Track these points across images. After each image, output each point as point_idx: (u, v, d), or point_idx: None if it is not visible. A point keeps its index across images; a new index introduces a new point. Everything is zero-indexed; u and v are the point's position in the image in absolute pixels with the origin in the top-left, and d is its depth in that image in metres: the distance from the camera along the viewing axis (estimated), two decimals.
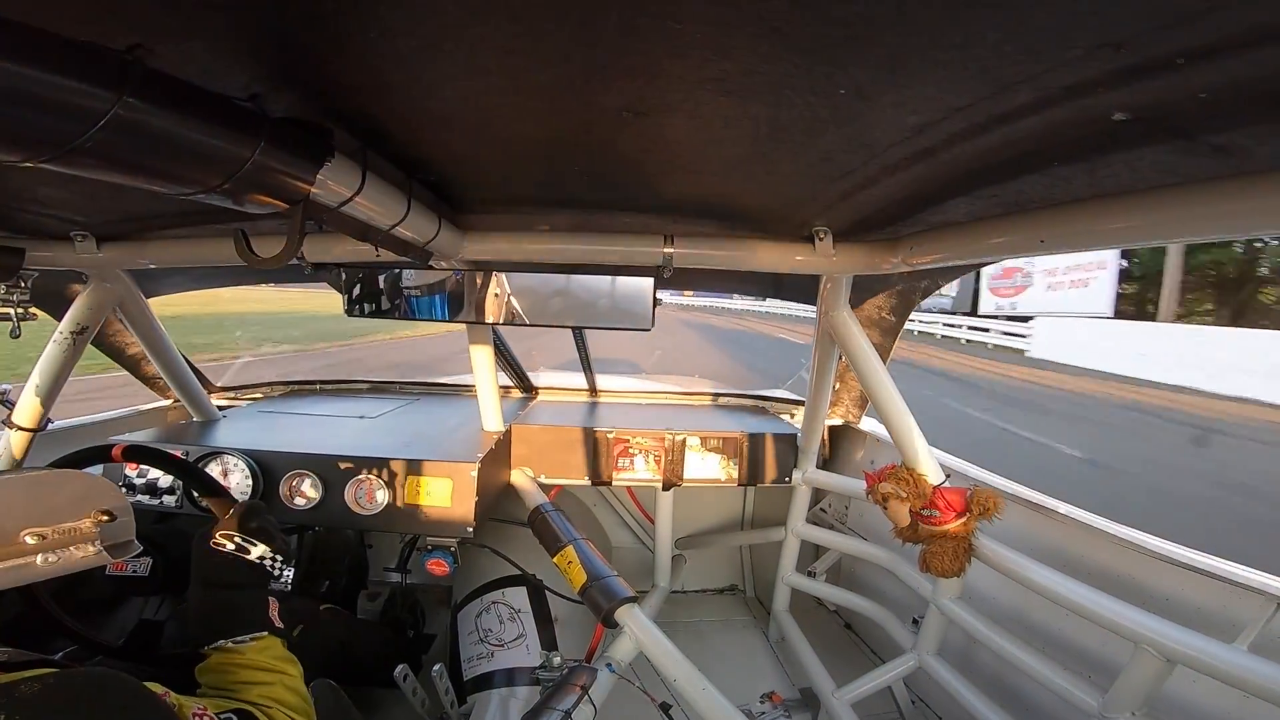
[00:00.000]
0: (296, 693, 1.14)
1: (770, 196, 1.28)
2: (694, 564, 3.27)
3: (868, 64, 0.65)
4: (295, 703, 1.11)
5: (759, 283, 2.38)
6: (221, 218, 1.47)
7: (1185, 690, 1.41)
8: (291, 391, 3.14)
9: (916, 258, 1.44)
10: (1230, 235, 0.91)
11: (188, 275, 2.32)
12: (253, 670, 1.12)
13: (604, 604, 1.70)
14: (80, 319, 1.93)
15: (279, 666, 1.15)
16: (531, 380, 3.27)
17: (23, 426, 1.96)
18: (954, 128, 0.81)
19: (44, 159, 0.58)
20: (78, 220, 1.53)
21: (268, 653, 1.16)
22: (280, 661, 1.17)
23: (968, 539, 1.79)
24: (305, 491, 1.98)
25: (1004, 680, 1.87)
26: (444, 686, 1.81)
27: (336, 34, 0.66)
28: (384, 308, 1.67)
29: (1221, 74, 0.59)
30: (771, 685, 2.49)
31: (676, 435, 2.52)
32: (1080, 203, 1.03)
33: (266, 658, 1.15)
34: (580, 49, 0.67)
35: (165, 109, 0.63)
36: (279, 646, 1.20)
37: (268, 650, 1.16)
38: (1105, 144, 0.80)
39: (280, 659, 1.17)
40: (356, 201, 0.97)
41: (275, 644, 1.19)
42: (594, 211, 1.47)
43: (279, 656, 1.18)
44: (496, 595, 2.15)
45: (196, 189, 0.74)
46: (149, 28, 0.61)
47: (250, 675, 1.11)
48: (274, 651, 1.18)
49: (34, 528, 0.85)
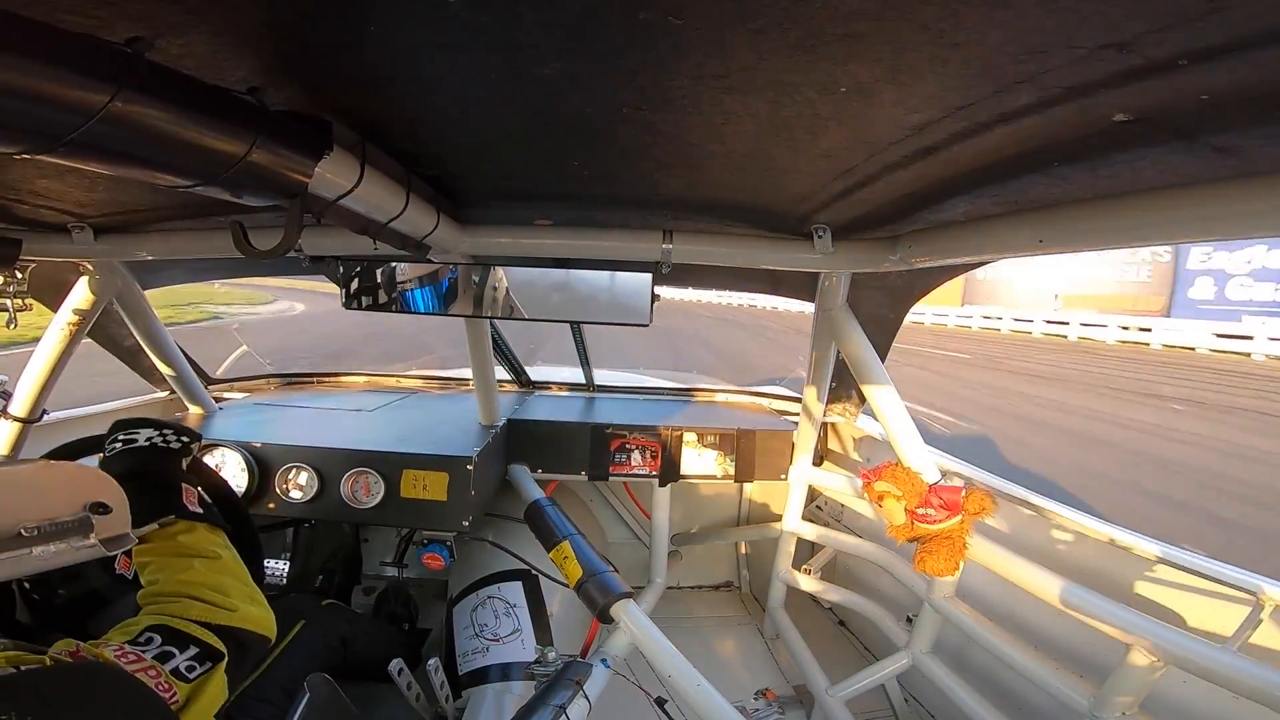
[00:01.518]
0: (226, 574, 1.07)
1: (769, 193, 1.28)
2: (690, 560, 3.27)
3: (868, 61, 0.65)
4: (224, 584, 1.04)
5: (757, 279, 2.38)
6: (219, 210, 1.46)
7: (1176, 690, 1.42)
8: (288, 384, 3.13)
9: (915, 256, 1.44)
10: (1232, 237, 0.91)
11: (185, 267, 2.32)
12: (166, 557, 1.06)
13: (600, 599, 1.70)
14: (77, 310, 1.92)
15: (198, 549, 1.08)
16: (529, 374, 3.27)
17: (18, 417, 1.95)
18: (955, 126, 0.81)
19: (42, 151, 0.58)
20: (75, 212, 1.52)
21: (183, 537, 1.09)
22: (200, 544, 1.10)
23: (962, 538, 1.80)
24: (301, 485, 1.98)
25: (996, 679, 1.88)
26: (439, 681, 1.81)
27: (336, 27, 0.66)
28: (382, 301, 1.67)
29: (1224, 76, 0.59)
30: (766, 682, 2.50)
31: (673, 431, 2.53)
32: (1081, 203, 1.03)
33: (183, 541, 1.09)
34: (580, 43, 0.66)
35: (164, 102, 0.62)
36: (203, 530, 1.13)
37: (183, 534, 1.10)
38: (1107, 144, 0.80)
39: (201, 541, 1.10)
40: (355, 195, 0.96)
41: (195, 528, 1.12)
42: (593, 206, 1.46)
43: (200, 540, 1.11)
44: (492, 590, 2.15)
45: (194, 181, 0.74)
46: (148, 20, 0.60)
47: (165, 562, 1.05)
48: (195, 536, 1.11)
49: (28, 520, 0.85)
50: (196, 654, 0.91)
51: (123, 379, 2.70)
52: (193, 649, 0.91)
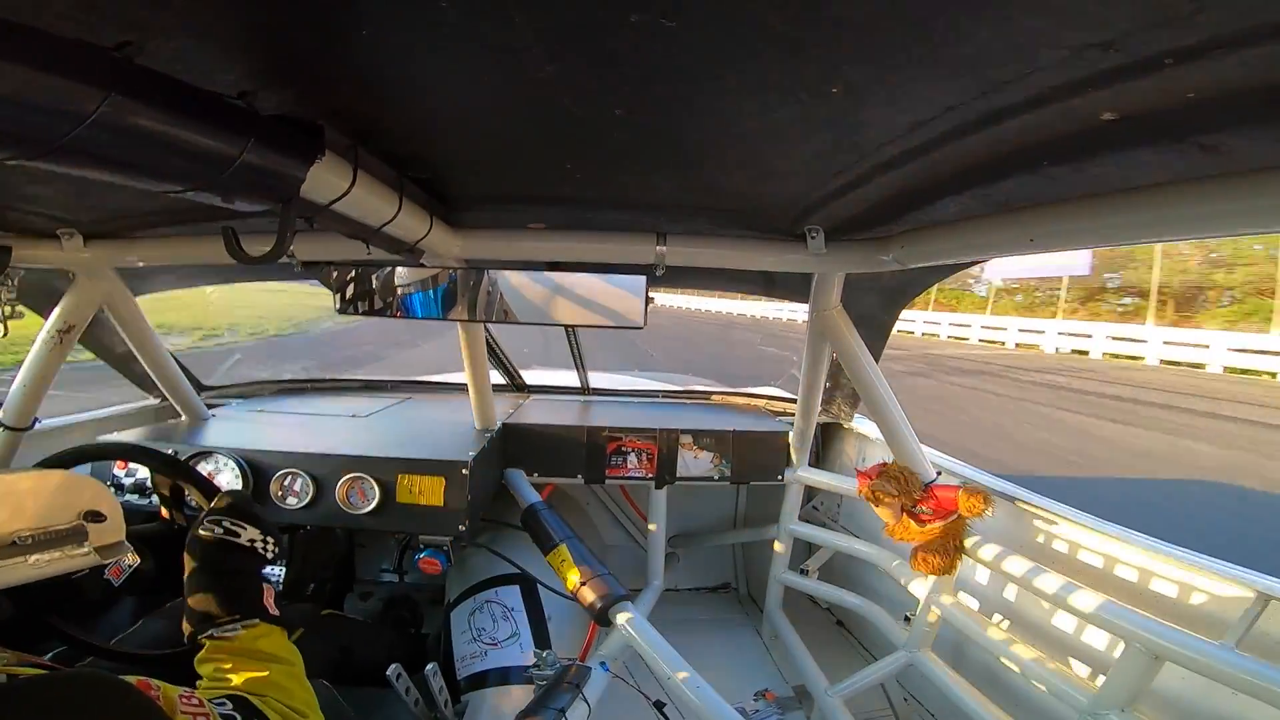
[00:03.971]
0: (296, 682, 1.09)
1: (762, 195, 1.28)
2: (687, 562, 3.28)
3: (858, 63, 0.65)
4: (294, 692, 1.06)
5: (751, 281, 2.39)
6: (210, 215, 1.46)
7: (1174, 686, 1.42)
8: (282, 390, 3.12)
9: (908, 256, 1.45)
10: (1219, 234, 0.92)
11: (176, 273, 2.30)
12: (244, 659, 1.07)
13: (597, 602, 1.70)
14: (67, 317, 1.91)
15: (276, 655, 1.10)
16: (524, 378, 3.27)
17: (9, 425, 1.94)
18: (945, 126, 0.81)
19: (31, 156, 0.58)
20: (65, 218, 1.51)
21: (263, 641, 1.11)
22: (277, 650, 1.12)
23: (959, 536, 1.80)
24: (296, 491, 1.97)
25: (995, 676, 1.88)
26: (438, 686, 1.81)
27: (328, 31, 0.66)
28: (376, 306, 1.66)
29: (1209, 74, 0.59)
30: (765, 683, 2.50)
31: (669, 433, 2.53)
32: (1070, 201, 1.04)
33: (262, 645, 1.10)
34: (572, 46, 0.66)
35: (154, 106, 0.62)
36: (279, 635, 1.15)
37: (263, 639, 1.12)
38: (1094, 143, 0.81)
39: (277, 648, 1.13)
40: (347, 199, 0.96)
41: (273, 632, 1.14)
42: (586, 209, 1.47)
43: (276, 645, 1.13)
44: (490, 594, 2.15)
45: (185, 186, 0.74)
46: (138, 25, 0.60)
47: (242, 663, 1.06)
48: (271, 640, 1.13)
49: (22, 529, 0.85)
50: None
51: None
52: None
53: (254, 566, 1.22)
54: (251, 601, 1.15)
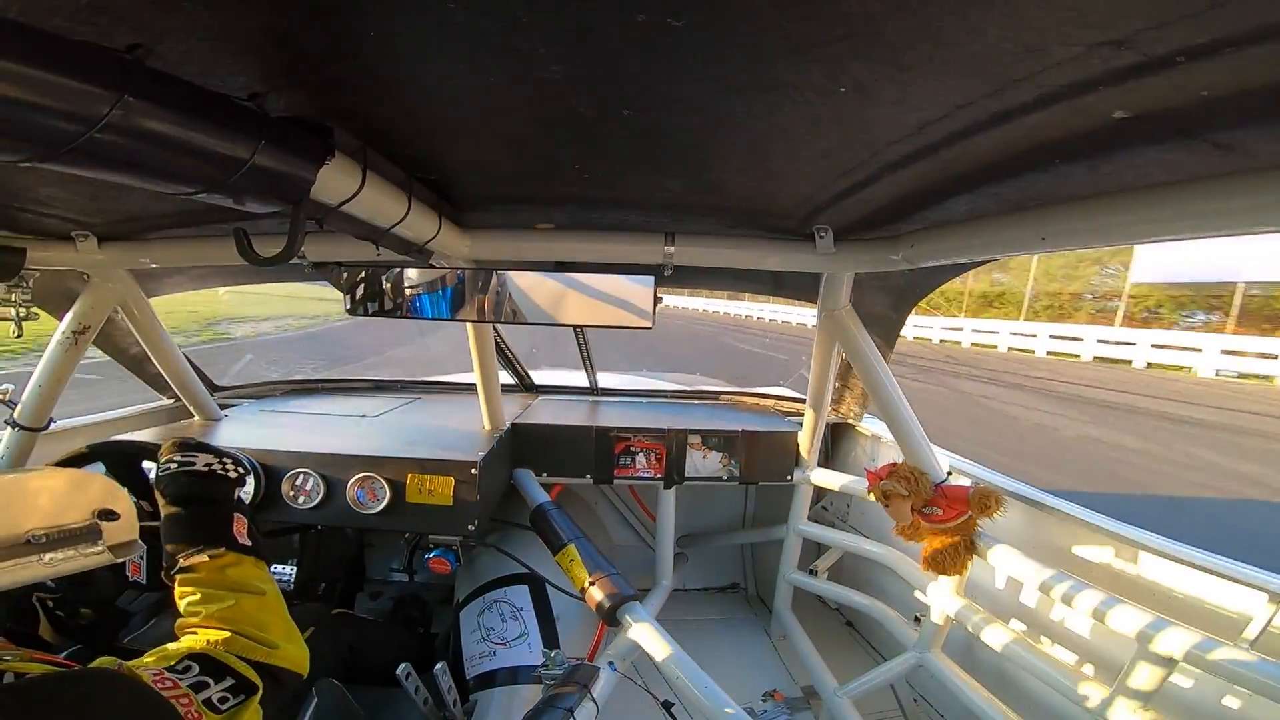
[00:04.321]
0: (270, 613, 1.05)
1: (770, 195, 1.28)
2: (696, 562, 3.27)
3: (867, 61, 0.65)
4: (268, 622, 1.03)
5: (759, 281, 2.38)
6: (222, 217, 1.47)
7: (1189, 688, 1.41)
8: (293, 390, 3.14)
9: (917, 255, 1.44)
10: (1233, 232, 0.90)
11: (189, 274, 2.33)
12: (211, 589, 1.04)
13: (606, 602, 1.70)
14: (82, 319, 1.93)
15: (244, 584, 1.07)
16: (533, 378, 3.27)
17: (25, 426, 1.96)
18: (955, 125, 0.81)
19: (44, 159, 0.58)
20: (79, 220, 1.53)
21: (231, 570, 1.07)
22: (246, 579, 1.08)
23: (969, 537, 1.79)
24: (308, 491, 1.98)
25: (1006, 678, 1.87)
26: (447, 685, 1.81)
27: (337, 33, 0.66)
28: (386, 307, 1.67)
29: (1223, 71, 0.59)
30: (773, 683, 2.49)
31: (678, 433, 2.52)
32: (1082, 200, 1.03)
33: (230, 575, 1.07)
34: (580, 47, 0.66)
35: (165, 109, 0.63)
36: (249, 565, 1.11)
37: (231, 568, 1.08)
38: (1107, 141, 0.80)
39: (247, 577, 1.09)
40: (357, 200, 0.97)
41: (243, 561, 1.10)
42: (595, 210, 1.47)
43: (246, 575, 1.09)
44: (498, 594, 2.15)
45: (196, 188, 0.74)
46: (149, 27, 0.61)
47: (209, 595, 1.03)
48: (241, 570, 1.09)
49: (36, 527, 0.86)
50: (231, 685, 0.91)
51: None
52: (229, 680, 0.92)
53: (217, 493, 1.18)
54: (215, 530, 1.12)
